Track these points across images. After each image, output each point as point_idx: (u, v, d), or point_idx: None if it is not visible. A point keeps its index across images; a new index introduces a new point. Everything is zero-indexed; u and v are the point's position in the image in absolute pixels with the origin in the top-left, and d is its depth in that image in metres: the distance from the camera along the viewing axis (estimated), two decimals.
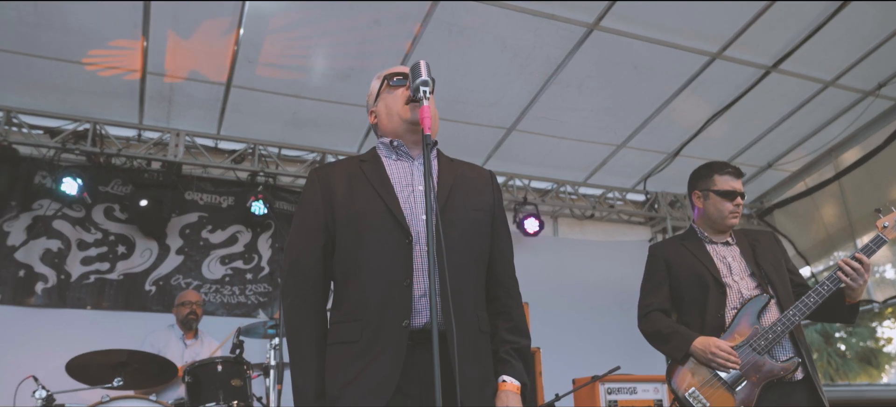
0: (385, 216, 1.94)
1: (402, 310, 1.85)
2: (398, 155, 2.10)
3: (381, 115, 2.15)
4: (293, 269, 2.01)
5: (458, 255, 1.93)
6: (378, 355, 1.83)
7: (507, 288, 2.09)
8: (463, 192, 2.06)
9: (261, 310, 6.37)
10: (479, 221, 2.06)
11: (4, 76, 5.55)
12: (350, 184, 2.03)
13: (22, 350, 5.01)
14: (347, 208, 1.98)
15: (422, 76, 1.91)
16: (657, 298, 3.15)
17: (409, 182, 2.03)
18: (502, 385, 1.94)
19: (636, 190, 8.03)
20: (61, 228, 5.98)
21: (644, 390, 4.71)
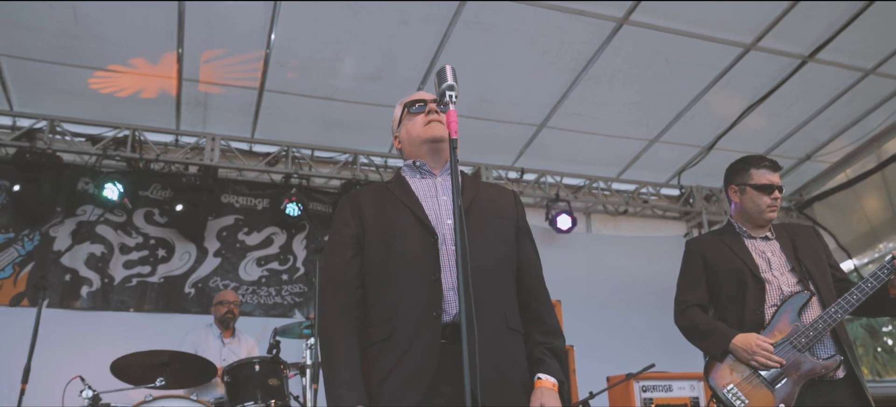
0: (412, 222, 2.05)
1: (432, 302, 1.92)
2: (422, 174, 2.22)
3: (404, 141, 2.28)
4: (327, 276, 2.11)
5: (484, 255, 2.01)
6: (410, 348, 1.90)
7: (537, 295, 2.15)
8: (486, 201, 2.17)
9: (296, 310, 6.47)
10: (503, 227, 2.15)
11: (48, 87, 5.73)
12: (378, 201, 2.17)
13: (69, 351, 5.17)
14: (376, 221, 2.11)
15: (448, 81, 1.95)
16: (695, 293, 3.11)
17: (433, 195, 2.15)
18: (538, 382, 1.98)
19: (670, 184, 7.93)
20: (104, 233, 6.16)
21: (680, 388, 4.65)
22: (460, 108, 5.98)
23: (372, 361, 1.96)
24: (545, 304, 2.15)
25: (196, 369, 4.36)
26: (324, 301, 2.08)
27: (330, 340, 2.00)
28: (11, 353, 4.35)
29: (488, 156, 7.19)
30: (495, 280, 2.03)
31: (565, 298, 5.25)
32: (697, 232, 8.04)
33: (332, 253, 2.14)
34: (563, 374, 2.04)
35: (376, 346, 1.96)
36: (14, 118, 6.08)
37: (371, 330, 2.00)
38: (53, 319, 5.43)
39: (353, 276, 2.07)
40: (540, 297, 2.15)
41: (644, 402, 4.55)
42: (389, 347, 1.92)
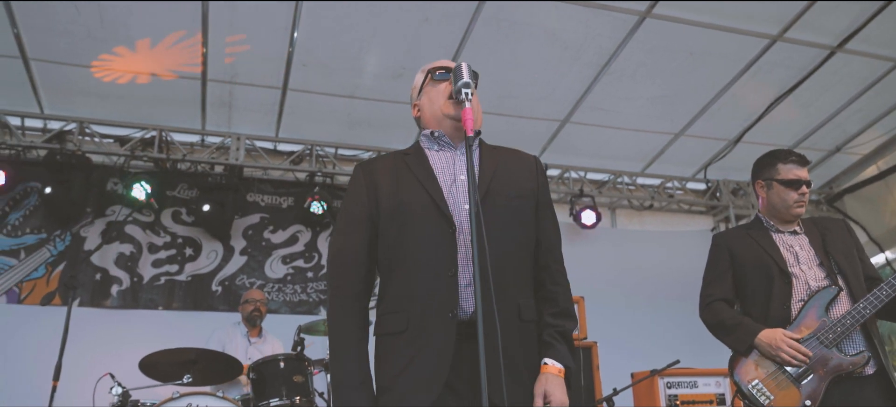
0: (429, 206, 1.96)
1: (448, 300, 1.87)
2: (440, 145, 2.12)
3: (425, 109, 2.17)
4: (337, 259, 2.04)
5: (501, 242, 1.93)
6: (425, 346, 1.85)
7: (552, 273, 2.07)
8: (505, 179, 2.06)
9: (322, 307, 6.52)
10: (522, 207, 2.06)
11: (77, 89, 5.85)
12: (394, 176, 2.06)
13: (99, 349, 5.27)
14: (392, 200, 2.00)
15: (463, 78, 1.92)
16: (720, 287, 3.07)
17: (451, 172, 2.05)
18: (544, 367, 1.92)
19: (696, 179, 7.84)
20: (133, 233, 6.28)
21: (705, 384, 4.60)
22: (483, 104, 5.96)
23: (385, 353, 1.92)
24: (559, 283, 2.07)
25: (222, 367, 4.42)
26: (333, 285, 2.02)
27: (338, 331, 1.96)
28: (44, 350, 4.46)
29: None
30: (512, 270, 1.97)
31: (590, 294, 5.22)
32: (724, 226, 7.94)
33: (344, 231, 2.06)
34: (571, 359, 1.97)
35: (390, 338, 1.92)
36: (45, 121, 6.21)
37: (385, 318, 1.96)
38: (84, 317, 5.55)
39: (364, 259, 2.01)
40: (554, 276, 2.07)
41: (669, 398, 4.51)
42: (403, 342, 1.88)
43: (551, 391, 1.86)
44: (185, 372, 4.18)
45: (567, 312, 2.04)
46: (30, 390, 4.98)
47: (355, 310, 1.98)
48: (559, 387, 1.89)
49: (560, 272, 2.10)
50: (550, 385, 1.88)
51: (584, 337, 4.83)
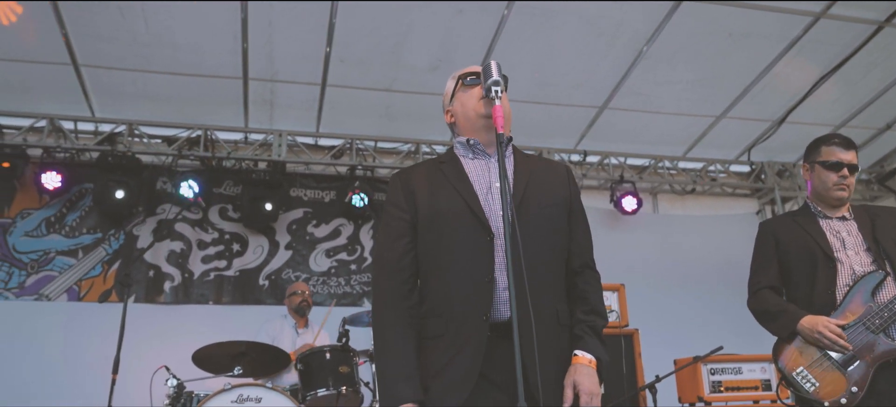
0: (466, 214, 1.99)
1: (483, 305, 1.91)
2: (475, 153, 2.14)
3: (458, 115, 2.19)
4: (381, 265, 2.08)
5: (536, 249, 1.97)
6: (461, 349, 1.89)
7: (584, 275, 2.11)
8: (538, 187, 2.09)
9: (365, 299, 6.65)
10: (556, 215, 2.09)
11: (125, 93, 6.05)
12: (430, 184, 2.10)
13: (154, 343, 5.48)
14: (429, 207, 2.05)
15: (493, 76, 1.95)
16: (766, 275, 3.05)
17: (487, 179, 2.07)
18: (574, 359, 1.94)
19: (740, 161, 7.70)
20: (182, 230, 6.49)
21: (750, 370, 4.54)
22: (519, 94, 6.00)
23: (425, 357, 1.97)
24: (592, 284, 2.10)
25: (271, 358, 4.56)
26: (378, 289, 2.07)
27: (384, 331, 2.00)
28: (103, 346, 4.65)
29: (549, 140, 7.16)
30: (548, 276, 2.00)
31: (631, 281, 5.20)
32: (770, 209, 7.80)
33: (386, 238, 2.10)
34: (603, 352, 1.98)
35: (430, 341, 1.97)
36: (96, 124, 6.45)
37: (424, 323, 2.01)
38: (139, 313, 5.78)
39: (407, 264, 2.04)
40: (586, 277, 2.10)
41: (713, 384, 4.47)
42: (442, 346, 1.93)
43: (580, 380, 1.89)
44: (235, 364, 4.32)
45: (598, 309, 2.07)
46: (91, 384, 5.21)
47: (401, 310, 2.01)
48: (588, 376, 1.90)
49: (593, 275, 2.14)
50: (579, 375, 1.90)
51: (626, 324, 4.81)
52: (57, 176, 6.00)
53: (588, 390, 1.87)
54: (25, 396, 5.48)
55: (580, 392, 1.87)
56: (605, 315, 2.09)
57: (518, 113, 6.18)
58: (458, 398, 1.85)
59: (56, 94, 6.02)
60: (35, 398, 5.49)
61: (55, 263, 6.11)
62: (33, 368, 5.61)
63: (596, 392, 1.88)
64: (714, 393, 4.47)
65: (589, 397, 1.86)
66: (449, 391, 1.88)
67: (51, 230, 6.21)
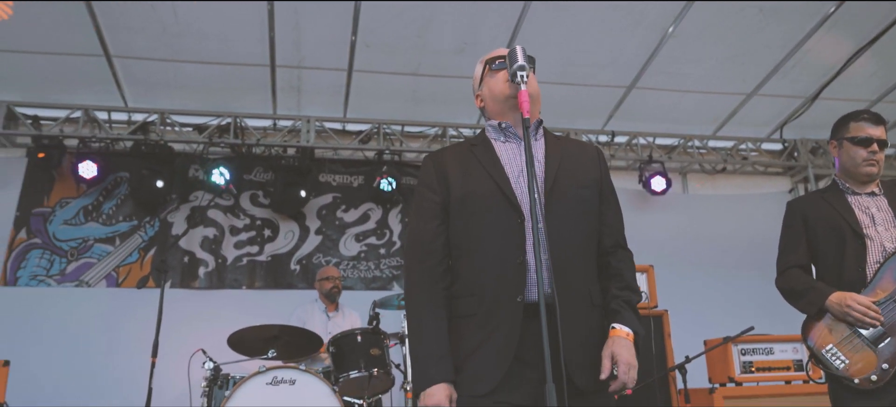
0: (497, 196, 2.01)
1: (516, 286, 1.93)
2: (506, 137, 2.17)
3: (487, 99, 2.22)
4: (413, 246, 2.12)
5: (568, 231, 1.99)
6: (496, 329, 1.92)
7: (616, 254, 2.12)
8: (570, 169, 2.10)
9: (395, 282, 6.72)
10: (587, 197, 2.11)
11: (156, 82, 6.17)
12: (462, 166, 2.12)
13: (191, 327, 5.61)
14: (460, 189, 2.08)
15: (518, 61, 1.97)
16: (795, 254, 3.02)
17: (518, 162, 2.10)
18: (612, 331, 1.96)
19: (772, 139, 7.58)
20: (215, 217, 6.62)
21: (782, 351, 4.50)
22: (545, 75, 5.95)
23: (457, 335, 2.00)
24: (625, 262, 2.12)
25: (303, 341, 4.65)
26: (411, 270, 2.10)
27: (417, 312, 2.03)
28: (141, 330, 4.78)
29: (577, 120, 7.12)
30: (581, 258, 2.02)
31: (660, 262, 5.18)
32: (803, 187, 7.67)
33: (418, 220, 2.13)
34: (639, 325, 2.00)
35: (461, 320, 2.00)
36: (129, 114, 6.58)
37: (456, 302, 2.03)
38: (176, 298, 5.92)
39: (440, 245, 2.07)
40: (619, 255, 2.12)
41: (743, 365, 4.44)
42: (474, 325, 1.96)
43: (618, 352, 1.90)
44: (269, 347, 4.42)
45: (632, 286, 2.09)
46: (132, 367, 5.38)
47: (433, 292, 2.04)
48: (626, 348, 1.92)
49: (625, 253, 2.15)
50: (617, 347, 1.92)
51: (655, 305, 4.79)
52: (93, 165, 6.15)
53: (626, 361, 1.89)
54: (69, 379, 5.67)
55: (618, 363, 1.89)
56: (639, 291, 2.12)
57: (544, 94, 6.17)
58: (492, 379, 1.89)
59: (90, 86, 6.16)
60: (78, 381, 5.68)
61: (94, 251, 6.28)
62: (76, 353, 5.79)
63: (634, 364, 1.91)
64: (745, 373, 4.45)
65: (627, 367, 1.88)
66: (483, 372, 1.91)
67: (88, 218, 6.38)
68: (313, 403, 3.98)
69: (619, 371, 1.88)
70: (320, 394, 4.02)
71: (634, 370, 1.90)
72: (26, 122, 6.35)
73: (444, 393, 1.91)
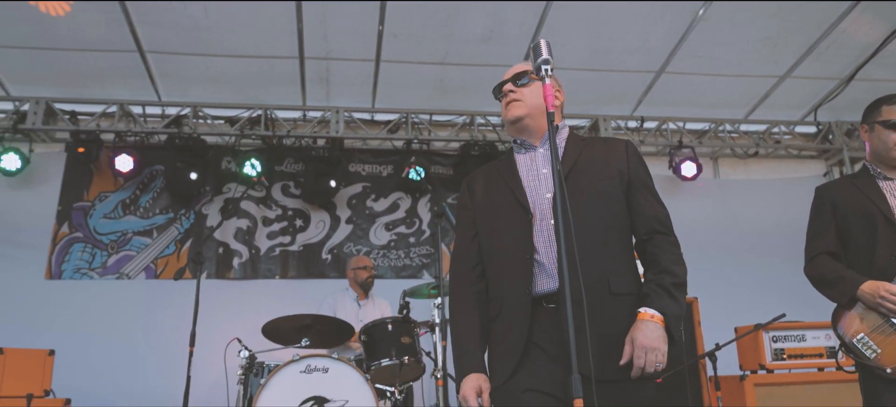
0: (510, 200, 2.19)
1: (524, 281, 2.07)
2: (524, 149, 2.31)
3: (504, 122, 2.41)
4: (453, 257, 2.36)
5: (586, 222, 2.04)
6: (512, 324, 2.07)
7: (653, 242, 2.14)
8: (589, 165, 2.17)
9: (425, 271, 6.78)
10: (608, 190, 2.14)
11: (188, 76, 6.29)
12: (487, 181, 2.34)
13: (226, 317, 5.75)
14: (482, 200, 2.31)
15: (542, 55, 2.00)
16: (824, 241, 2.96)
17: (534, 168, 2.24)
18: (638, 315, 1.99)
19: (806, 122, 7.43)
20: (248, 208, 6.74)
21: (814, 337, 4.45)
22: (573, 61, 5.93)
23: (490, 335, 2.18)
24: (661, 246, 2.13)
25: (335, 330, 4.73)
26: (450, 276, 2.34)
27: (452, 311, 2.26)
28: (179, 320, 4.90)
29: (605, 107, 7.08)
30: (595, 248, 2.05)
31: (691, 248, 5.04)
32: (838, 171, 7.52)
33: (457, 233, 2.39)
34: (671, 306, 2.00)
35: (493, 322, 2.16)
36: (162, 108, 6.72)
37: (489, 305, 2.20)
38: (211, 288, 6.07)
39: (472, 252, 2.27)
40: (655, 242, 2.14)
41: (775, 352, 4.40)
42: (498, 325, 2.13)
43: (636, 335, 1.94)
44: (302, 336, 4.50)
45: (669, 269, 2.08)
46: (171, 356, 5.53)
47: (465, 294, 2.24)
48: (646, 331, 1.94)
49: (663, 239, 2.15)
50: (637, 330, 1.96)
51: None
52: (129, 159, 6.31)
53: (641, 344, 1.92)
54: (111, 368, 5.85)
55: (635, 346, 1.93)
56: (677, 273, 2.09)
57: (573, 81, 6.19)
58: (507, 369, 2.03)
59: (125, 81, 6.31)
60: (120, 370, 5.86)
61: (132, 243, 6.46)
62: (118, 342, 5.96)
63: (652, 346, 1.92)
64: (776, 360, 4.42)
65: (642, 351, 1.91)
66: (501, 364, 2.07)
67: (127, 212, 6.55)
68: (346, 390, 4.05)
69: (634, 354, 1.92)
70: (353, 381, 4.10)
71: (653, 353, 1.91)
72: (64, 117, 6.53)
73: (473, 383, 2.08)
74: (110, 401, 5.68)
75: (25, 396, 4.44)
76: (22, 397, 4.43)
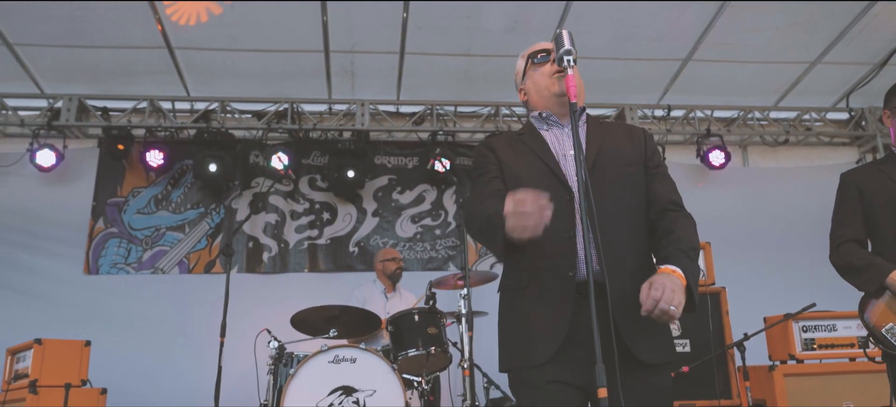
0: (547, 175, 2.08)
1: (568, 261, 1.98)
2: (549, 125, 2.23)
3: (531, 92, 2.28)
4: (471, 199, 2.21)
5: (613, 208, 2.02)
6: (550, 302, 1.97)
7: (666, 217, 2.10)
8: (612, 151, 2.14)
9: (450, 263, 6.81)
10: (632, 175, 2.13)
11: (216, 71, 6.37)
12: (513, 150, 2.21)
13: (256, 308, 5.81)
14: (511, 170, 2.16)
15: (565, 46, 1.99)
16: (850, 228, 2.91)
17: (560, 148, 2.16)
18: (660, 269, 1.93)
19: (838, 108, 7.30)
20: (276, 202, 6.82)
21: (845, 327, 4.38)
22: (598, 51, 5.91)
23: (509, 306, 2.09)
24: (676, 219, 2.08)
25: (363, 321, 4.78)
26: (467, 207, 2.15)
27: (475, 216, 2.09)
28: (211, 313, 4.98)
29: (631, 96, 7.02)
30: (627, 234, 2.05)
31: (719, 238, 5.10)
32: (872, 157, 7.37)
33: (477, 194, 2.18)
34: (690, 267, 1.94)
35: (517, 292, 2.06)
36: (191, 103, 6.82)
37: (511, 276, 2.10)
38: (242, 281, 6.21)
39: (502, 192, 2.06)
40: (669, 216, 2.09)
41: (805, 342, 4.35)
42: (528, 298, 2.02)
43: (654, 278, 1.86)
44: (330, 327, 4.55)
45: (683, 238, 2.03)
46: (203, 348, 5.66)
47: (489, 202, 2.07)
48: (664, 275, 1.87)
49: (677, 213, 2.12)
50: (656, 278, 1.86)
51: (712, 282, 4.72)
52: (159, 154, 6.43)
53: (661, 282, 1.82)
54: (145, 359, 5.99)
55: (653, 283, 1.83)
56: (693, 240, 2.05)
57: (598, 70, 6.16)
58: (547, 351, 1.94)
59: (154, 77, 6.41)
60: (154, 361, 6.00)
61: (166, 239, 6.59)
62: (153, 335, 6.11)
63: (671, 286, 1.81)
64: (806, 350, 4.37)
65: (661, 287, 1.81)
66: (539, 344, 1.96)
67: (159, 207, 6.68)
68: (374, 380, 4.10)
69: (651, 289, 1.81)
70: (380, 371, 4.14)
71: (671, 292, 1.80)
72: (96, 113, 6.67)
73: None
74: (145, 391, 5.83)
75: (63, 385, 4.57)
76: (60, 386, 4.57)
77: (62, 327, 5.41)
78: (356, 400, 4.06)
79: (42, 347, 4.62)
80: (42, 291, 6.22)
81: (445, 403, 5.30)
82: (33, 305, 6.14)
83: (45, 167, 6.35)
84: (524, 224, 1.77)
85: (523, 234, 1.78)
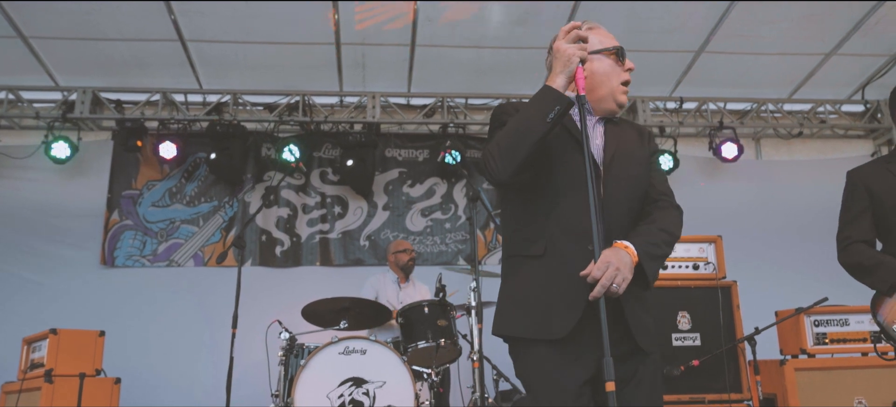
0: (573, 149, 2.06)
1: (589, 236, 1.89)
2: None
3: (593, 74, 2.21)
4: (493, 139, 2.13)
5: (624, 208, 2.10)
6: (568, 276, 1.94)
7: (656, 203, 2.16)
8: (625, 151, 2.16)
9: (460, 257, 6.82)
10: (642, 175, 2.19)
11: (228, 64, 6.40)
12: None
13: (269, 301, 5.85)
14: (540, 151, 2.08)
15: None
16: (858, 228, 2.87)
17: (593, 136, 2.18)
18: (616, 243, 1.95)
19: (853, 100, 7.22)
20: (288, 196, 6.86)
21: (858, 322, 4.35)
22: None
23: (520, 270, 2.07)
24: (662, 207, 2.15)
25: (373, 313, 4.80)
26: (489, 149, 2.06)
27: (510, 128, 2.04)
28: (224, 305, 5.02)
29: (644, 88, 6.98)
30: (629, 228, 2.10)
31: (731, 231, 5.06)
32: (887, 150, 7.29)
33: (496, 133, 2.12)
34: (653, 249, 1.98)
35: (529, 259, 2.05)
36: (204, 95, 6.86)
37: (524, 243, 2.08)
38: (256, 275, 6.28)
39: None
40: (658, 204, 2.16)
41: (817, 337, 4.33)
42: (541, 264, 2.02)
43: (603, 253, 1.86)
44: (341, 318, 4.58)
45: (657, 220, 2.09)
46: (216, 339, 5.74)
47: None
48: (612, 251, 1.89)
49: (668, 203, 2.18)
50: (604, 251, 1.87)
51: (723, 276, 4.69)
52: (172, 146, 6.48)
53: (606, 258, 1.83)
54: (160, 350, 6.07)
55: (598, 260, 1.82)
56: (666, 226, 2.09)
57: None
58: (564, 325, 1.93)
59: (167, 69, 6.46)
60: (168, 351, 6.09)
61: (180, 232, 6.65)
62: (167, 326, 6.19)
63: (616, 264, 1.83)
64: (818, 345, 4.34)
65: (605, 264, 1.81)
66: (555, 316, 1.95)
67: (173, 200, 6.74)
68: (384, 371, 4.13)
69: (594, 267, 1.81)
70: (390, 363, 4.17)
71: (614, 270, 1.82)
72: (110, 106, 6.72)
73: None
74: (158, 381, 5.90)
75: (78, 374, 4.64)
76: (75, 376, 4.63)
77: (78, 318, 5.47)
78: (366, 391, 4.08)
79: (57, 336, 4.69)
80: (58, 282, 6.31)
81: (455, 394, 5.33)
82: (49, 295, 6.23)
83: (60, 158, 6.41)
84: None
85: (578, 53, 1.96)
